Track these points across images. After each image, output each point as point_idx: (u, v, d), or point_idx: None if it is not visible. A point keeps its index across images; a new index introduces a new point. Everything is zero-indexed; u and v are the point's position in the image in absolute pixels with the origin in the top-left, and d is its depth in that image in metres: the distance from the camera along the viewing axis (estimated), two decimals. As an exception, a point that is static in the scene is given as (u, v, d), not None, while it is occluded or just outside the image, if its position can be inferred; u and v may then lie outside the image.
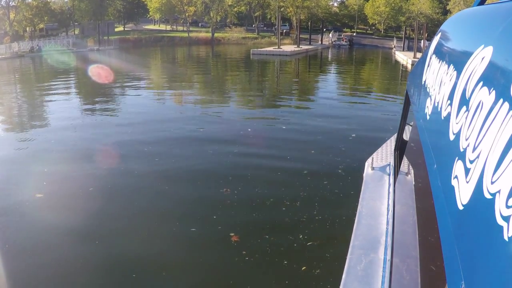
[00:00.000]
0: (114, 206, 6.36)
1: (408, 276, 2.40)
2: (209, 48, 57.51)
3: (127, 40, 61.24)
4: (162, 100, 17.68)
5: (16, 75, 30.22)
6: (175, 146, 9.40)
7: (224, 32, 71.47)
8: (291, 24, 70.19)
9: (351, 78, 27.79)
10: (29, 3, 58.73)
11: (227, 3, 69.71)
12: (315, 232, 5.47)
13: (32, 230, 5.63)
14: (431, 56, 2.23)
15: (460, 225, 0.92)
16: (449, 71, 1.53)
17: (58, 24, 65.41)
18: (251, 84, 23.70)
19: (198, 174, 7.63)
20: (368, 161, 4.39)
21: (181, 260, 4.95)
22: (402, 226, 2.88)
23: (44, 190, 6.86)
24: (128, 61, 35.41)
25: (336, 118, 12.88)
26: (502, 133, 0.80)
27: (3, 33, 56.54)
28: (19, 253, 5.00)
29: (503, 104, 0.84)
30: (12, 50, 45.83)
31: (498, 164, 0.77)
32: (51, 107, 15.66)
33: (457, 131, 1.13)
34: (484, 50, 1.15)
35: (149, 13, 75.92)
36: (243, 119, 12.69)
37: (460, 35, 1.90)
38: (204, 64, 36.68)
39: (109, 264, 4.86)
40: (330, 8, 79.78)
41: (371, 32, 75.23)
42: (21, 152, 9.20)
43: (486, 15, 1.57)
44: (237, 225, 5.63)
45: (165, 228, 5.64)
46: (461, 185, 0.95)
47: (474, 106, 1.04)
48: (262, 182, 7.15)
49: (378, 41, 65.63)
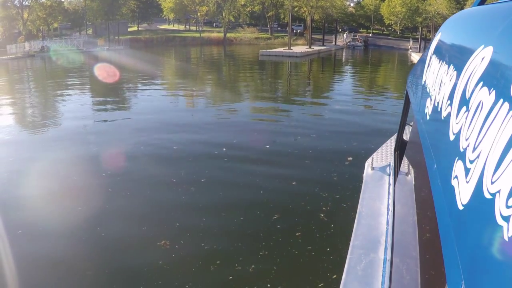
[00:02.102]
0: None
1: (408, 276, 2.39)
2: (220, 48, 56.80)
3: (138, 40, 61.01)
4: (155, 106, 16.95)
5: (18, 74, 30.04)
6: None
7: (237, 32, 70.69)
8: (306, 24, 69.02)
9: (362, 82, 26.07)
10: (42, 2, 59.04)
11: (239, 2, 68.93)
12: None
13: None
14: (431, 56, 2.24)
15: (460, 225, 0.91)
16: (449, 71, 1.54)
17: (72, 23, 65.70)
18: (243, 92, 20.99)
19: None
20: (368, 161, 4.35)
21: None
22: (402, 226, 2.87)
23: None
24: (133, 62, 34.92)
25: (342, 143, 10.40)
26: (502, 133, 0.80)
27: (17, 33, 56.91)
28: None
29: (503, 104, 0.84)
30: (23, 50, 46.04)
31: (498, 164, 0.77)
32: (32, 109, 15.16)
33: (457, 131, 1.14)
34: (484, 50, 1.15)
35: (163, 13, 75.80)
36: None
37: (460, 35, 1.87)
38: (207, 67, 35.53)
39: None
40: (346, 9, 78.40)
41: (388, 33, 73.50)
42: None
43: (486, 15, 1.58)
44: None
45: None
46: (461, 185, 0.96)
47: (474, 106, 1.04)
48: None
49: (394, 42, 64.04)
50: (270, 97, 19.18)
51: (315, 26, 71.37)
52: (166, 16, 77.41)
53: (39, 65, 37.64)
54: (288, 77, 28.38)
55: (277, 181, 7.56)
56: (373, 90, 21.91)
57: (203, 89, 21.13)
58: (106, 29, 59.01)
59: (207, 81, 24.44)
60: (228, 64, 36.66)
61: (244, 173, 8.04)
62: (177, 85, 22.74)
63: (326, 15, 68.71)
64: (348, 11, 79.28)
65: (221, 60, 40.87)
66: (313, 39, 59.65)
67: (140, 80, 24.26)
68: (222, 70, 30.74)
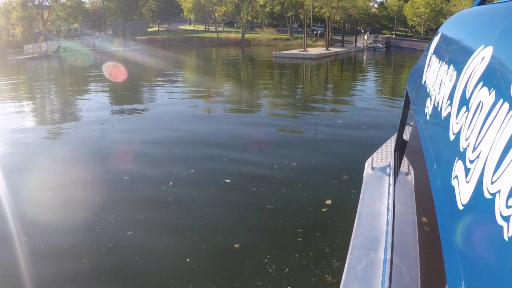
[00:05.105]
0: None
1: (408, 276, 2.39)
2: (236, 49, 55.95)
3: (155, 40, 61.07)
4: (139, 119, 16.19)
5: (23, 75, 30.18)
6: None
7: (255, 33, 69.89)
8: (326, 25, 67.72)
9: (382, 88, 23.13)
10: (63, 3, 59.83)
11: (258, 3, 68.13)
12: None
13: None
14: (431, 56, 2.25)
15: (460, 225, 0.92)
16: (449, 71, 1.54)
17: (92, 24, 66.45)
18: (244, 97, 18.87)
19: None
20: (368, 161, 4.33)
21: None
22: (402, 226, 2.85)
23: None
24: (143, 63, 34.61)
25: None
26: (502, 133, 0.81)
27: (38, 33, 57.78)
28: None
29: (503, 104, 0.85)
30: (40, 50, 46.58)
31: (498, 164, 0.78)
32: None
33: (457, 131, 1.14)
34: (484, 50, 1.16)
35: (183, 13, 75.89)
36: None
37: (460, 35, 1.85)
38: (211, 72, 34.53)
39: None
40: (369, 9, 76.62)
41: (411, 34, 71.25)
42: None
43: (486, 15, 1.58)
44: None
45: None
46: (461, 185, 0.96)
47: (474, 106, 1.05)
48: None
49: (417, 43, 61.79)
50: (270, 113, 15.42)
51: (337, 27, 69.90)
52: (187, 16, 77.44)
53: (52, 65, 37.77)
54: (297, 83, 27.05)
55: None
56: (395, 100, 17.29)
57: (196, 104, 17.01)
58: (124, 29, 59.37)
59: (200, 92, 20.44)
60: (236, 68, 35.19)
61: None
62: (169, 96, 19.12)
63: (347, 16, 67.23)
64: (371, 12, 77.49)
65: (231, 63, 39.64)
66: (334, 40, 58.23)
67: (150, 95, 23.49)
68: (225, 77, 28.04)
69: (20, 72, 32.13)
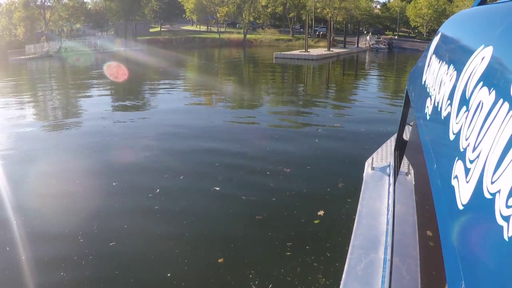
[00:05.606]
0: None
1: (408, 276, 2.39)
2: (238, 50, 55.76)
3: (156, 40, 60.98)
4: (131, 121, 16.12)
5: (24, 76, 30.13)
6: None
7: (257, 33, 69.71)
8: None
9: (384, 91, 22.80)
10: (65, 3, 59.87)
11: (260, 3, 67.96)
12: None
13: None
14: (431, 56, 2.24)
15: (460, 225, 0.92)
16: (449, 71, 1.54)
17: (94, 24, 66.47)
18: (239, 100, 18.44)
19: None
20: (368, 161, 4.31)
21: None
22: (402, 226, 2.86)
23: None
24: (144, 63, 34.55)
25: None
26: (502, 133, 0.81)
27: (40, 33, 57.82)
28: None
29: (503, 104, 0.85)
30: (42, 50, 46.60)
31: (498, 164, 0.78)
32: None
33: (457, 131, 1.14)
34: (484, 50, 1.16)
35: (186, 14, 75.81)
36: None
37: (460, 35, 1.85)
38: (209, 72, 33.76)
39: None
40: (371, 10, 76.35)
41: (414, 35, 70.94)
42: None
43: (486, 15, 1.57)
44: None
45: None
46: (461, 185, 0.96)
47: (474, 106, 1.05)
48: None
49: (419, 44, 61.54)
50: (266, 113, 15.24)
51: (339, 28, 69.66)
52: (189, 17, 77.36)
53: (53, 65, 37.78)
54: (298, 85, 26.88)
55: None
56: (396, 105, 16.38)
57: (196, 102, 17.53)
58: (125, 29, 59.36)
59: (194, 95, 19.82)
60: (235, 69, 34.82)
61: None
62: (160, 96, 19.08)
63: (349, 17, 66.98)
64: (374, 13, 77.22)
65: (230, 64, 39.35)
66: (336, 41, 58.01)
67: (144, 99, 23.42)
68: (222, 78, 27.56)
69: (21, 72, 32.14)
